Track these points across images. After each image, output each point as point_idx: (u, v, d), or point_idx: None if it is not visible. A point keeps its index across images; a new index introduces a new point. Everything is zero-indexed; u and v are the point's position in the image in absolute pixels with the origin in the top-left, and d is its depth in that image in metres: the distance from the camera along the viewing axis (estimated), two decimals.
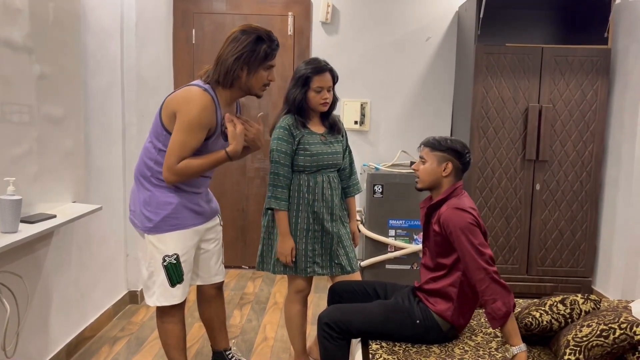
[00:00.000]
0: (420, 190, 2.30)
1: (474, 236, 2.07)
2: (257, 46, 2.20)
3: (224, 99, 2.28)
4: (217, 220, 2.57)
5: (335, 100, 2.61)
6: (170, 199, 2.29)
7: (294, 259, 2.58)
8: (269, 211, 2.62)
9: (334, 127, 2.65)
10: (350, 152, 2.77)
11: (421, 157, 2.28)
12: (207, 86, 2.22)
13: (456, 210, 2.12)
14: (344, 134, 2.73)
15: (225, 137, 2.35)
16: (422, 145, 2.29)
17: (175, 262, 2.31)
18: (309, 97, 2.54)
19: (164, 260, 2.30)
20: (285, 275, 2.68)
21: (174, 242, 2.31)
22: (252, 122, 2.31)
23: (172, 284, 2.32)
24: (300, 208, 2.58)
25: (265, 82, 2.28)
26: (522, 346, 2.00)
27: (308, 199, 2.57)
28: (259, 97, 2.35)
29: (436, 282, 2.23)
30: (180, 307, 2.42)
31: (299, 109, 2.55)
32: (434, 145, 2.24)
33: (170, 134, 2.22)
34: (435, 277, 2.24)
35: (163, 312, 2.40)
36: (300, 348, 2.76)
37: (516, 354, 2.00)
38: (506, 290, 2.02)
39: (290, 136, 2.53)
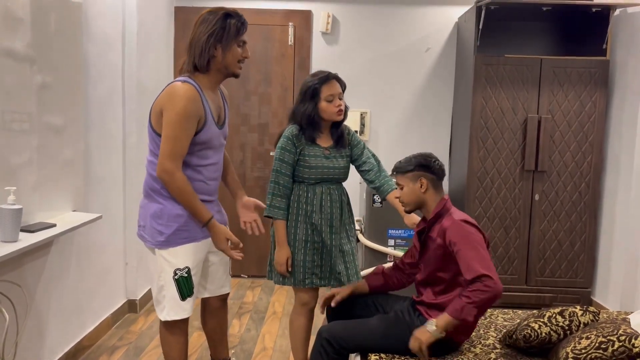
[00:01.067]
0: (410, 212, 2.38)
1: (482, 249, 2.09)
2: (227, 22, 2.20)
3: (205, 84, 2.24)
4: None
5: (346, 108, 2.58)
6: (181, 210, 2.24)
7: (290, 269, 2.57)
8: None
9: (339, 141, 2.61)
10: (371, 154, 2.74)
11: (398, 184, 2.34)
12: (186, 77, 2.20)
13: (461, 223, 2.15)
14: (353, 143, 2.68)
15: (220, 125, 2.32)
16: (394, 173, 2.34)
17: (186, 275, 2.27)
18: (321, 108, 2.49)
19: (175, 274, 2.26)
20: (286, 286, 2.67)
21: (186, 255, 2.27)
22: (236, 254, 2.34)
23: (183, 297, 2.29)
24: (299, 219, 2.57)
25: (239, 58, 2.27)
26: (436, 330, 2.04)
27: (306, 210, 2.56)
28: (236, 76, 2.31)
29: (436, 298, 2.23)
30: (186, 319, 2.38)
31: (310, 123, 2.51)
32: (401, 169, 2.31)
33: (160, 136, 2.19)
34: (435, 291, 2.24)
35: (168, 324, 2.35)
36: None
37: (427, 327, 2.06)
38: (484, 309, 2.08)
39: (293, 146, 2.52)
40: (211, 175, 2.35)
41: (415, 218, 2.54)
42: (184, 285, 2.28)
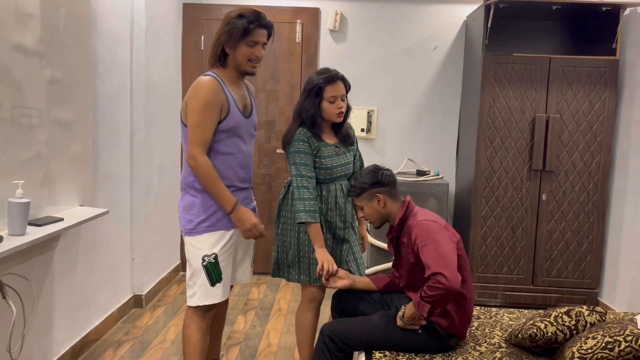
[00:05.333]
0: (379, 227, 2.41)
1: (442, 246, 2.08)
2: (237, 22, 2.31)
3: (227, 78, 2.36)
4: None
5: (348, 109, 2.58)
6: (211, 202, 2.34)
7: (332, 272, 2.48)
8: (281, 218, 2.62)
9: (346, 139, 2.62)
10: (360, 156, 2.76)
11: (358, 206, 2.38)
12: (208, 72, 2.36)
13: (423, 222, 2.18)
14: (355, 141, 2.71)
15: (247, 115, 2.40)
16: (350, 198, 2.39)
17: (214, 261, 2.36)
18: (323, 108, 2.49)
19: (204, 261, 2.35)
20: (293, 283, 2.68)
21: (211, 243, 2.36)
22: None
23: (212, 283, 2.37)
24: None
25: (249, 57, 2.34)
26: (404, 319, 2.16)
27: (321, 208, 2.55)
28: (250, 74, 2.40)
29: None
30: (213, 308, 2.43)
31: (313, 121, 2.51)
32: (356, 193, 2.34)
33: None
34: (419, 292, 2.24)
35: (197, 309, 2.40)
36: (308, 356, 2.74)
37: (399, 314, 2.18)
38: (439, 305, 2.08)
39: (309, 147, 2.50)
40: (242, 163, 2.42)
41: (366, 239, 2.80)
42: (213, 271, 2.36)
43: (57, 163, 2.59)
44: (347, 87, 2.57)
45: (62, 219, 2.48)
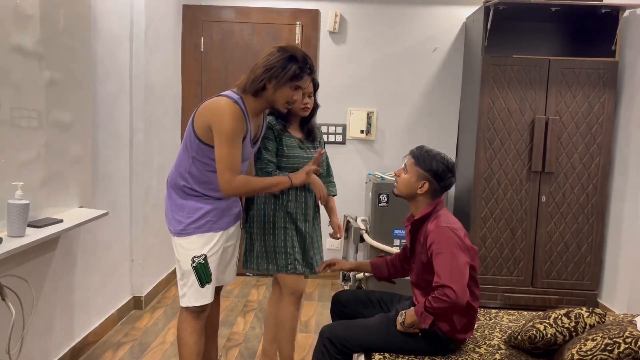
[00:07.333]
0: (396, 196, 2.34)
1: (457, 257, 2.07)
2: (288, 64, 2.28)
3: (252, 108, 2.34)
4: (237, 224, 2.61)
5: (315, 106, 2.67)
6: (200, 205, 2.36)
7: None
8: (253, 211, 2.64)
9: (310, 134, 2.71)
10: (327, 157, 2.82)
11: (405, 165, 2.30)
12: (236, 97, 2.29)
13: (444, 228, 2.13)
14: (321, 142, 2.79)
15: (252, 143, 2.43)
16: (409, 155, 2.30)
17: (203, 262, 2.37)
18: None
19: (193, 262, 2.36)
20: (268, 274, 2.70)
21: (201, 244, 2.37)
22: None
23: (202, 284, 2.38)
24: (277, 207, 2.60)
25: (289, 99, 2.35)
26: (403, 325, 2.15)
27: (282, 199, 2.60)
28: (281, 113, 2.45)
29: (424, 299, 2.22)
30: (205, 307, 2.44)
31: (280, 113, 2.57)
32: (418, 159, 2.25)
33: (202, 142, 2.28)
34: (424, 293, 2.23)
35: (189, 310, 2.42)
36: (289, 355, 2.71)
37: (398, 318, 2.18)
38: (442, 317, 2.09)
39: (273, 134, 2.58)
40: None
41: (340, 228, 2.78)
42: (202, 272, 2.37)
43: (57, 164, 2.59)
44: (315, 86, 2.65)
45: (61, 221, 2.48)
